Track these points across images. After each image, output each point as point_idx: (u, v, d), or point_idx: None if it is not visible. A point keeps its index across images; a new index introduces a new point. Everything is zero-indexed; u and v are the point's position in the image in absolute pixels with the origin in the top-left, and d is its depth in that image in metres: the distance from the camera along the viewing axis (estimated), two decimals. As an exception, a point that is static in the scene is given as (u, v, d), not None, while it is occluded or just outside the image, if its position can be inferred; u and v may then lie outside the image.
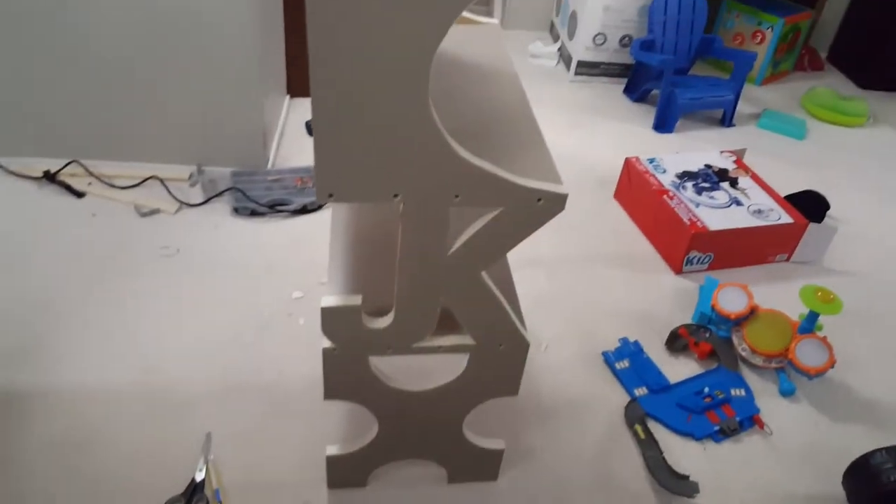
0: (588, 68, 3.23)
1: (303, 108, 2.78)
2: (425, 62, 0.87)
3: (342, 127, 0.92)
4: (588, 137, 2.82)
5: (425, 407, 1.31)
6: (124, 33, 2.05)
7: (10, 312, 1.74)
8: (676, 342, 1.81)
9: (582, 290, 2.01)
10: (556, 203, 1.03)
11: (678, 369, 1.78)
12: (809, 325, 1.75)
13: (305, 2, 0.83)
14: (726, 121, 2.98)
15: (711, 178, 2.27)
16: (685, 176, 2.27)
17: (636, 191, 2.30)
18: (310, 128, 1.40)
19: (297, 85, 2.81)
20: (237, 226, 2.13)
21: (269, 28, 2.34)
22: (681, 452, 1.57)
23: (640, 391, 1.67)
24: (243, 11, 2.03)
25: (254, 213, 2.17)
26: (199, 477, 1.40)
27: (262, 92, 2.24)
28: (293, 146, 2.54)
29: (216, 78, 2.15)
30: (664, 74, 2.82)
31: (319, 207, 2.22)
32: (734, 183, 2.26)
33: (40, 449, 1.44)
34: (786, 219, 2.12)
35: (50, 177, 2.20)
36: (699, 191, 2.20)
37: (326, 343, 1.18)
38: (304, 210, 2.21)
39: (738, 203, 2.17)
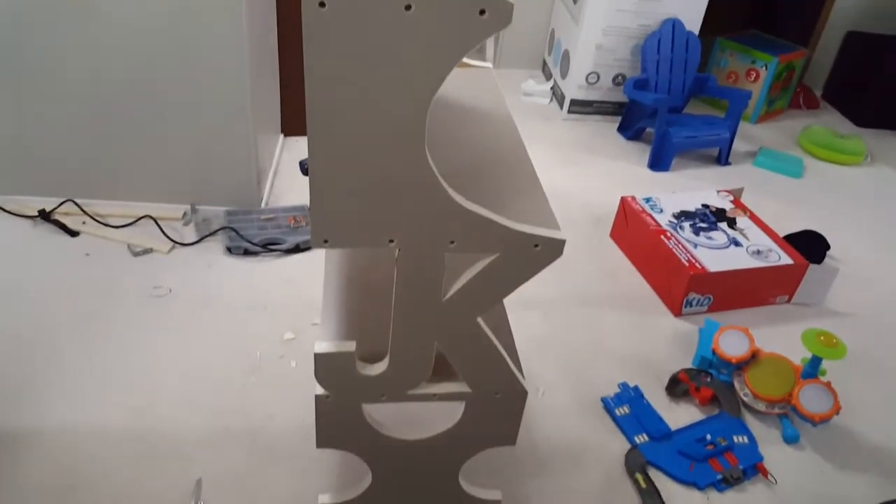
0: (581, 106, 3.24)
1: (297, 147, 2.77)
2: (422, 111, 0.85)
3: (338, 174, 0.90)
4: (583, 175, 2.81)
5: (420, 456, 1.27)
6: (120, 73, 2.05)
7: (1, 351, 1.71)
8: (677, 387, 1.78)
9: (579, 332, 1.98)
10: (553, 249, 1.00)
11: (679, 415, 1.74)
12: (813, 369, 1.72)
13: (303, 51, 0.81)
14: (722, 159, 2.99)
15: (709, 218, 2.26)
16: (682, 216, 2.25)
17: (633, 230, 2.28)
18: (303, 167, 1.38)
19: (292, 124, 2.81)
20: (230, 265, 2.10)
21: (263, 67, 2.35)
22: (683, 502, 1.52)
23: (641, 438, 1.63)
24: (238, 51, 2.03)
25: (247, 253, 2.15)
26: (186, 528, 1.35)
27: (256, 131, 2.23)
28: (287, 185, 2.52)
29: (211, 117, 2.15)
30: (658, 113, 2.83)
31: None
32: (732, 223, 2.25)
33: (28, 492, 1.40)
34: (786, 260, 2.10)
35: (45, 215, 2.18)
36: (697, 231, 2.18)
37: (319, 390, 1.15)
38: (297, 249, 2.19)
39: (737, 244, 2.15)
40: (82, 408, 1.59)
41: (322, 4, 0.78)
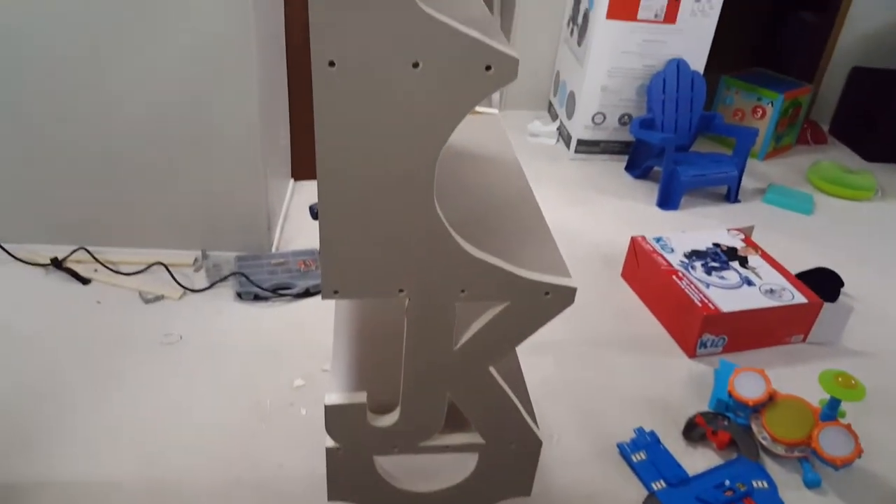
0: (588, 146, 3.26)
1: (307, 191, 2.79)
2: (430, 164, 0.86)
3: (348, 226, 0.90)
4: (591, 215, 2.81)
5: (433, 508, 1.25)
6: (132, 121, 2.08)
7: (13, 400, 1.71)
8: (694, 431, 1.75)
9: (592, 375, 1.96)
10: (564, 296, 1.00)
11: (697, 460, 1.70)
12: (832, 412, 1.69)
13: (314, 108, 0.82)
14: (731, 196, 2.98)
15: (720, 258, 2.24)
16: (693, 255, 2.24)
17: (644, 270, 2.27)
18: (313, 212, 1.39)
19: (302, 168, 2.83)
20: (240, 311, 2.10)
21: (274, 112, 2.38)
22: (704, 551, 1.48)
23: (658, 485, 1.60)
24: (249, 98, 2.06)
25: (257, 298, 2.15)
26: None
27: (266, 177, 2.25)
28: (297, 229, 2.54)
29: (222, 164, 2.17)
30: (665, 152, 2.84)
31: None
32: (744, 262, 2.24)
33: (29, 555, 1.37)
34: (799, 298, 2.08)
35: (57, 263, 2.19)
36: (709, 270, 2.17)
37: (330, 442, 1.14)
38: (307, 293, 2.19)
39: (750, 283, 2.13)
40: (92, 457, 1.58)
41: (332, 64, 0.79)
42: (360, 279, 0.95)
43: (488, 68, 0.81)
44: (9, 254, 2.22)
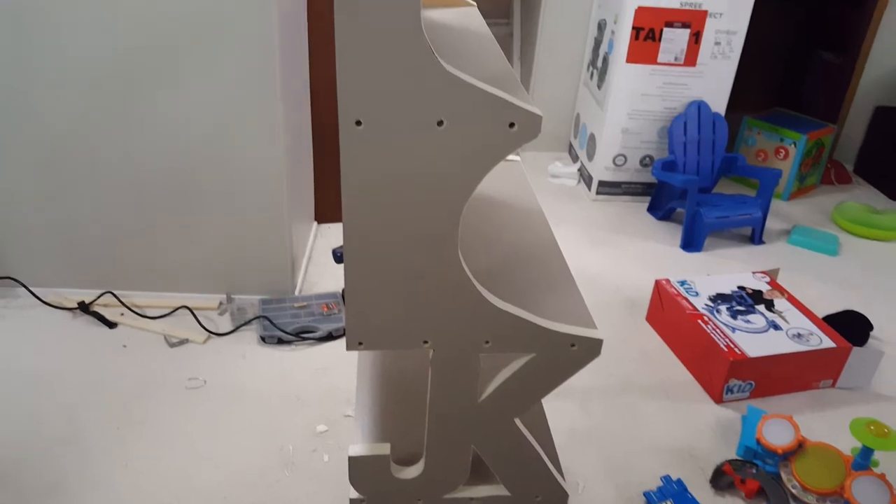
0: (610, 188, 3.27)
1: (330, 234, 2.82)
2: (454, 218, 0.87)
3: (373, 278, 0.91)
4: (615, 257, 2.80)
5: (457, 561, 1.23)
6: (159, 167, 2.13)
7: (37, 445, 1.72)
8: (721, 479, 1.71)
9: (618, 422, 1.93)
10: (590, 348, 0.99)
11: (726, 510, 1.67)
12: (864, 460, 1.64)
13: (341, 164, 0.84)
14: (756, 238, 2.96)
15: (746, 301, 2.22)
16: (719, 299, 2.22)
17: (669, 314, 2.25)
18: (336, 255, 1.41)
19: (325, 211, 2.86)
20: (264, 355, 2.11)
21: (298, 157, 2.42)
22: None
23: (687, 536, 1.56)
24: (275, 146, 2.10)
25: (280, 342, 2.16)
26: None
27: (290, 220, 2.28)
28: (320, 272, 2.56)
29: (247, 209, 2.20)
30: (688, 194, 2.83)
31: (345, 333, 2.20)
32: (770, 305, 2.21)
33: None
34: (827, 343, 2.05)
35: (84, 307, 2.22)
36: (734, 314, 2.15)
37: (353, 493, 1.13)
38: (329, 337, 2.20)
39: (777, 327, 2.10)
40: (114, 503, 1.58)
41: (358, 123, 0.81)
42: (385, 331, 0.96)
43: (512, 125, 0.83)
44: (37, 298, 2.26)
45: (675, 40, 2.93)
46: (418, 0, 0.74)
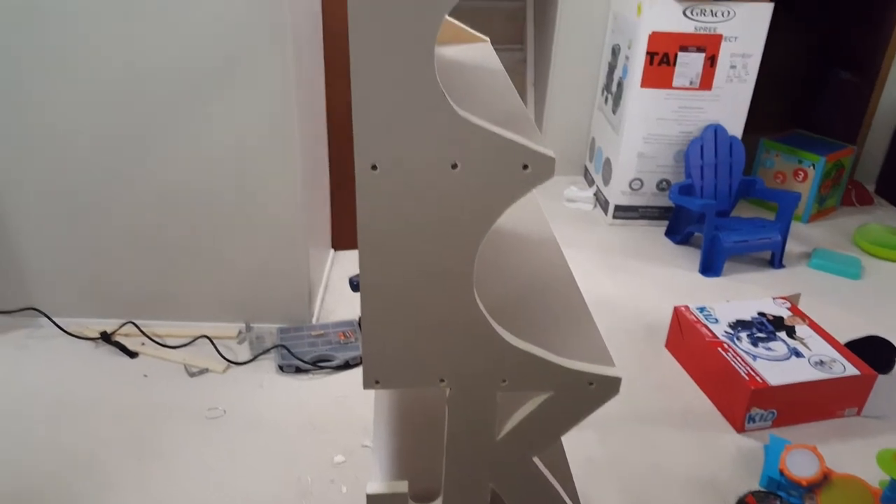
0: (626, 212, 3.26)
1: (346, 261, 2.83)
2: (469, 258, 0.87)
3: (389, 318, 0.92)
4: (633, 282, 2.79)
5: None
6: (179, 199, 2.16)
7: (58, 474, 1.74)
8: (745, 512, 1.68)
9: (638, 452, 1.91)
10: (609, 387, 0.99)
11: (750, 544, 1.64)
12: (893, 494, 1.61)
13: (357, 207, 0.85)
14: (776, 262, 2.93)
15: (767, 328, 2.19)
16: (739, 326, 2.20)
17: (688, 341, 2.23)
18: (352, 284, 1.41)
19: (342, 238, 2.88)
20: (282, 384, 2.12)
21: (315, 186, 2.44)
22: None
23: (710, 572, 1.53)
24: (292, 177, 2.12)
25: (298, 370, 2.17)
26: None
27: (308, 250, 2.30)
28: (337, 299, 2.57)
29: (266, 239, 2.23)
30: (706, 218, 2.82)
31: (362, 362, 2.20)
32: (791, 332, 2.18)
33: None
34: (851, 371, 2.02)
35: (106, 337, 2.25)
36: (755, 342, 2.12)
37: (371, 531, 1.12)
38: (346, 365, 2.20)
39: (798, 354, 2.08)
40: (135, 539, 1.58)
41: (374, 167, 0.82)
42: (401, 369, 0.96)
43: (525, 167, 0.83)
44: (60, 328, 2.29)
45: (689, 64, 2.93)
46: (432, 48, 0.75)
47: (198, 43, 1.94)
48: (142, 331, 2.29)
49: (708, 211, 2.80)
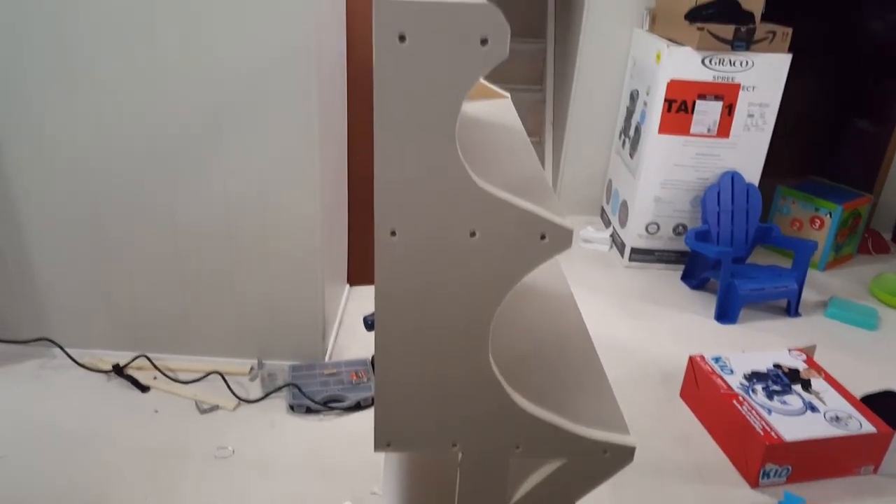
0: (643, 255, 3.25)
1: (362, 296, 2.84)
2: (485, 324, 0.87)
3: (404, 380, 0.92)
4: (648, 327, 2.77)
5: None
6: (197, 234, 2.18)
7: (62, 519, 1.73)
8: (759, 575, 1.65)
9: (650, 505, 1.88)
10: (623, 455, 0.98)
11: None
12: (910, 562, 1.57)
13: (375, 275, 0.85)
14: (791, 310, 2.91)
15: (782, 380, 2.17)
16: (754, 377, 2.18)
17: (703, 392, 2.21)
18: (367, 323, 1.42)
19: (358, 273, 2.89)
20: (292, 424, 2.11)
21: (334, 221, 2.46)
22: None
23: None
24: (312, 214, 2.14)
25: (309, 410, 2.16)
26: None
27: (324, 287, 2.31)
28: (351, 336, 2.57)
29: (282, 275, 2.24)
30: (722, 265, 2.80)
31: (373, 403, 2.19)
32: (807, 385, 2.16)
33: None
34: (867, 427, 1.98)
35: (119, 370, 2.26)
36: (770, 394, 2.10)
37: (377, 589, 1.11)
38: (358, 406, 2.19)
39: (814, 409, 2.05)
40: (140, 582, 1.57)
41: (393, 233, 0.83)
42: (414, 433, 0.96)
43: (543, 237, 0.83)
44: (73, 360, 2.30)
45: (707, 112, 2.94)
46: (454, 123, 0.76)
47: (224, 80, 1.97)
48: (154, 364, 2.30)
49: (724, 258, 2.79)
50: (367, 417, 2.16)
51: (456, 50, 0.70)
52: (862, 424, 2.00)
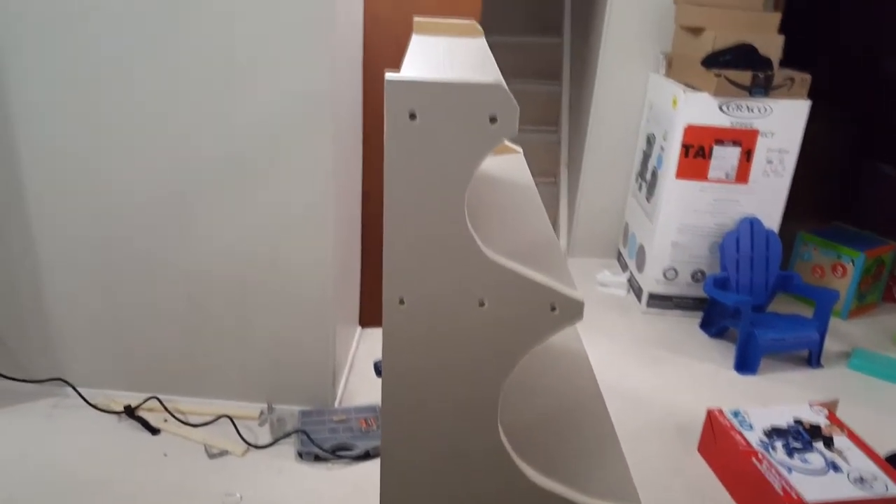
0: (660, 300, 3.21)
1: (373, 338, 2.82)
2: (494, 393, 0.85)
3: (410, 447, 0.90)
4: (665, 377, 2.72)
5: None
6: (210, 277, 2.18)
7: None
8: None
9: (666, 567, 1.82)
10: (634, 530, 0.94)
11: None
12: None
13: (382, 344, 0.84)
14: (813, 361, 2.84)
15: (803, 437, 2.11)
16: (774, 434, 2.12)
17: (721, 447, 2.15)
18: (377, 369, 1.40)
19: (370, 315, 2.88)
20: (300, 472, 2.08)
21: (346, 264, 2.45)
22: None
23: None
24: (325, 258, 2.14)
25: (317, 458, 2.13)
26: None
27: (336, 328, 2.30)
28: (361, 380, 2.55)
29: (293, 319, 2.23)
30: (742, 314, 2.75)
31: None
32: (829, 443, 2.09)
33: None
34: (893, 490, 1.91)
35: (130, 412, 2.25)
36: (790, 452, 2.04)
37: None
38: (367, 455, 2.16)
39: (836, 468, 1.98)
40: None
41: (402, 301, 0.81)
42: (420, 501, 0.93)
43: (553, 308, 0.82)
44: (85, 400, 2.30)
45: (725, 158, 2.92)
46: (464, 195, 0.75)
47: (239, 129, 1.99)
48: (165, 407, 2.29)
49: (744, 308, 2.74)
50: (375, 467, 2.12)
51: (465, 128, 0.69)
52: (888, 487, 1.93)
